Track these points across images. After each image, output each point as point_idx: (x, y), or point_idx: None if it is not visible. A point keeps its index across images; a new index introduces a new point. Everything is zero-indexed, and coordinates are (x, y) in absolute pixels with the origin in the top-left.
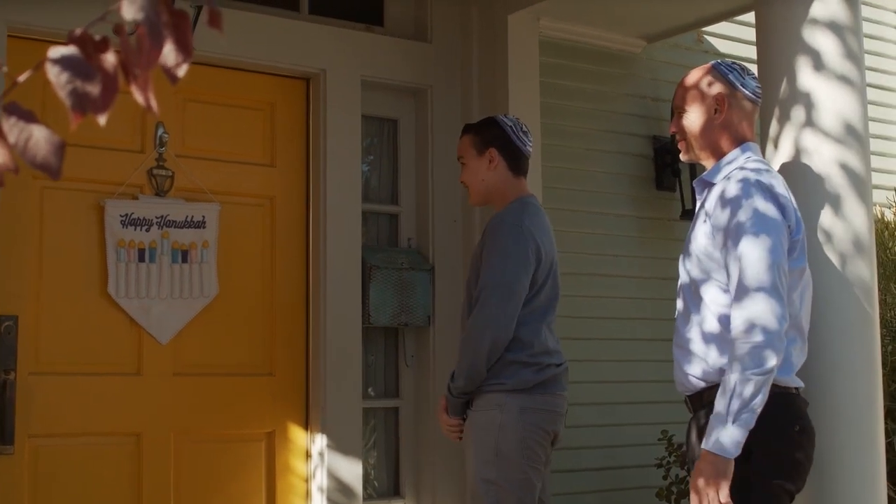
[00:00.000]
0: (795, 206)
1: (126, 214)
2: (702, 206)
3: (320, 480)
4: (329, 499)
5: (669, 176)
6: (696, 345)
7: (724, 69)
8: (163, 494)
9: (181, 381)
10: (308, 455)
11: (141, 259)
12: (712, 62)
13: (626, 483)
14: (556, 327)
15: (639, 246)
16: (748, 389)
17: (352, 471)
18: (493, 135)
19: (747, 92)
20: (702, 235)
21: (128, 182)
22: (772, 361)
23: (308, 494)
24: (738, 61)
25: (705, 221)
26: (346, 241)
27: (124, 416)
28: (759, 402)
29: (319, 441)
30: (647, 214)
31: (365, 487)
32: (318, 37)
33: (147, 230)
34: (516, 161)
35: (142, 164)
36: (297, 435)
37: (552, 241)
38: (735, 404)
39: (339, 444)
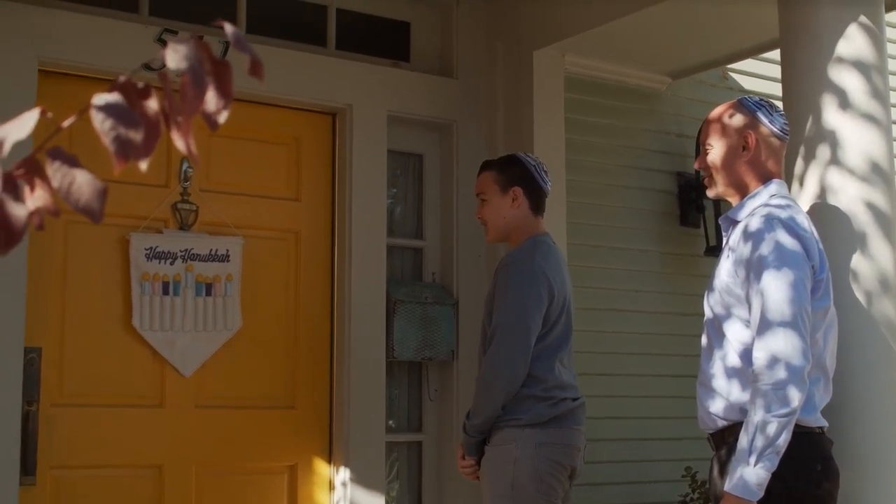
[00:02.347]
0: (820, 245)
1: (150, 248)
2: (727, 242)
3: None
4: None
5: (693, 212)
6: (718, 381)
7: (752, 105)
8: None
9: (203, 413)
10: (331, 488)
11: (165, 292)
12: (739, 98)
13: None
14: (579, 362)
15: (662, 282)
16: (771, 430)
17: None
18: (517, 174)
19: (775, 129)
20: (724, 271)
21: (152, 216)
22: (795, 400)
23: None
24: (766, 98)
25: (728, 257)
26: (371, 275)
27: (146, 449)
28: (783, 443)
29: (343, 474)
30: (671, 250)
31: None
32: (345, 72)
33: (171, 263)
34: (538, 200)
35: (166, 198)
36: (320, 468)
37: (565, 277)
38: (758, 444)
39: (361, 478)
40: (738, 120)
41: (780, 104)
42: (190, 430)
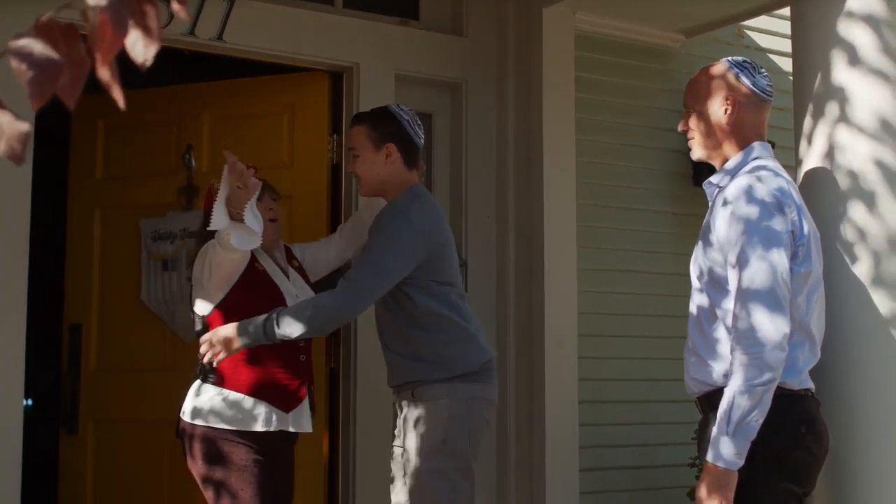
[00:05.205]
0: (804, 210)
1: (156, 230)
2: (714, 201)
3: (355, 475)
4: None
5: (707, 172)
6: (723, 347)
7: (735, 67)
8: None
9: None
10: (339, 445)
11: (164, 268)
12: (723, 59)
13: (659, 482)
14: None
15: (674, 242)
16: (746, 401)
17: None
18: (391, 130)
19: (757, 90)
20: (721, 226)
21: (161, 202)
22: (768, 373)
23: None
24: (748, 59)
25: (724, 205)
26: None
27: (159, 406)
28: (758, 414)
29: (350, 432)
30: (684, 211)
31: None
32: (353, 30)
33: (171, 242)
34: (410, 155)
35: (174, 184)
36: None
37: (444, 223)
38: (734, 416)
39: (369, 435)
40: (721, 81)
41: (789, 61)
42: None
